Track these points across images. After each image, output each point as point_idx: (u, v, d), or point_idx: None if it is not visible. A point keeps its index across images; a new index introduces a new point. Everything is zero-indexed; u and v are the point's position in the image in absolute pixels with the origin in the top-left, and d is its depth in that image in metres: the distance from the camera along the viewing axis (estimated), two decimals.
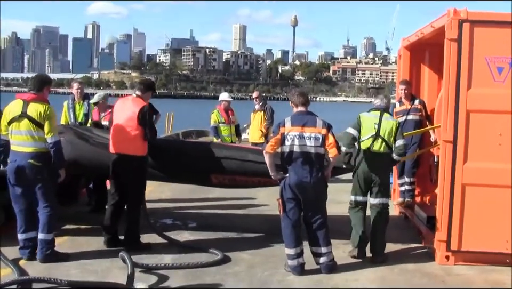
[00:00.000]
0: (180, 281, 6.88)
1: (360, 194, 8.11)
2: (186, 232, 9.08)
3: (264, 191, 11.91)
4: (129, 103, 8.26)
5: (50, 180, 7.57)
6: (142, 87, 8.40)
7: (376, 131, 8.00)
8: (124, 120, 8.09)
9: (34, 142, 7.39)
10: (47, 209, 7.50)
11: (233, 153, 8.69)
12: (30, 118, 7.37)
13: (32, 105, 7.42)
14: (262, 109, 14.44)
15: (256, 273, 7.32)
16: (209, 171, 8.70)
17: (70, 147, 8.45)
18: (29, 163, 7.35)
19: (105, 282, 6.61)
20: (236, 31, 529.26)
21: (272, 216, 10.26)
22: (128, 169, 8.06)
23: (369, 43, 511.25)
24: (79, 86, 11.18)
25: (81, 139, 8.78)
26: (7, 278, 6.69)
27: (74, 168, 8.59)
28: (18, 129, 7.42)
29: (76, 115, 10.87)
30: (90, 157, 8.67)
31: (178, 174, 8.94)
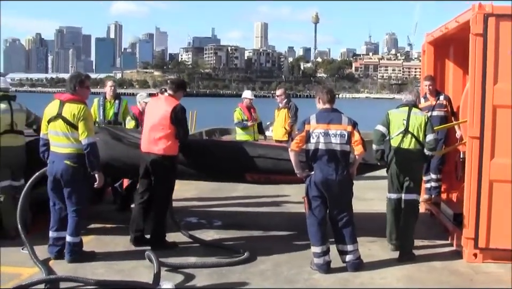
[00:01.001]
0: (205, 280, 6.88)
1: (393, 191, 8.07)
2: (212, 231, 9.08)
3: (289, 188, 11.89)
4: (162, 102, 8.26)
5: (84, 183, 7.59)
6: (173, 86, 8.40)
7: (405, 127, 7.94)
8: (156, 119, 8.08)
9: (70, 143, 7.41)
10: (76, 213, 7.52)
11: (268, 151, 8.65)
12: (64, 119, 7.40)
13: (67, 106, 7.44)
14: (286, 106, 14.38)
15: (282, 271, 7.29)
16: (244, 170, 8.70)
17: (105, 147, 8.48)
18: (65, 165, 7.38)
19: (132, 281, 6.63)
20: (258, 28, 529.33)
21: (297, 214, 10.24)
22: (158, 169, 8.06)
23: (391, 39, 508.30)
24: (112, 85, 11.32)
25: (115, 140, 8.83)
26: (35, 276, 6.74)
27: (108, 168, 8.66)
28: (55, 130, 7.46)
29: (106, 113, 10.94)
30: (124, 156, 8.69)
31: (214, 173, 8.92)
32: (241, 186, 12.90)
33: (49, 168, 7.53)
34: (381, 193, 11.91)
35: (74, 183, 7.44)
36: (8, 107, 8.66)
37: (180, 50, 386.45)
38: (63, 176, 7.41)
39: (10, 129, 8.60)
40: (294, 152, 7.38)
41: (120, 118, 11.00)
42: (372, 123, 8.02)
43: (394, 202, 8.12)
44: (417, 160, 8.03)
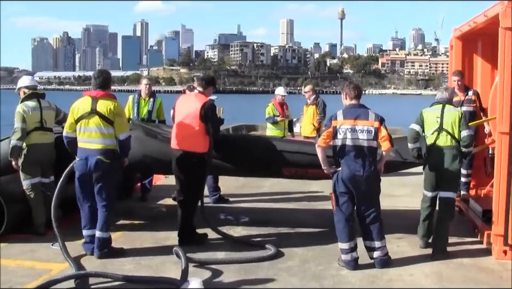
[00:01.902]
0: (233, 276, 6.89)
1: (429, 189, 7.98)
2: (239, 227, 9.09)
3: (315, 184, 11.88)
4: (192, 99, 8.29)
5: (115, 179, 7.68)
6: (203, 83, 8.41)
7: (439, 125, 7.86)
8: (186, 116, 8.10)
9: (103, 139, 7.49)
10: (106, 208, 7.58)
11: (304, 147, 8.64)
12: (100, 115, 7.47)
13: (101, 102, 7.52)
14: (314, 103, 14.35)
15: (309, 268, 7.28)
16: (281, 165, 8.72)
17: (139, 143, 8.55)
18: (98, 160, 7.44)
19: (160, 277, 6.66)
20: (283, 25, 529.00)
21: (325, 210, 10.21)
22: (189, 165, 8.08)
23: (418, 34, 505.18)
24: (148, 82, 11.37)
25: (149, 136, 8.87)
26: (64, 272, 6.82)
27: (141, 165, 8.73)
28: (87, 126, 7.51)
29: (140, 111, 11.01)
30: (157, 153, 8.71)
31: (252, 167, 8.98)
32: (267, 183, 12.94)
33: (80, 165, 7.57)
34: (408, 190, 11.89)
35: (105, 178, 7.51)
36: (37, 105, 8.77)
37: (205, 48, 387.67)
38: (96, 171, 7.47)
39: (40, 126, 8.70)
40: (321, 148, 7.36)
41: (154, 116, 11.05)
42: (399, 119, 7.98)
43: (430, 199, 8.03)
44: (454, 157, 7.84)
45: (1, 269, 7.07)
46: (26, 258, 7.54)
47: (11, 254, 7.69)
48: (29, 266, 7.24)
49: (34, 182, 8.60)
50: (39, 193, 8.62)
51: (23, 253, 7.77)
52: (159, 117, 11.12)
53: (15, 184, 8.58)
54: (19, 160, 8.57)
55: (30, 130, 8.61)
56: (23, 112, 8.59)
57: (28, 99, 8.78)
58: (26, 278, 6.76)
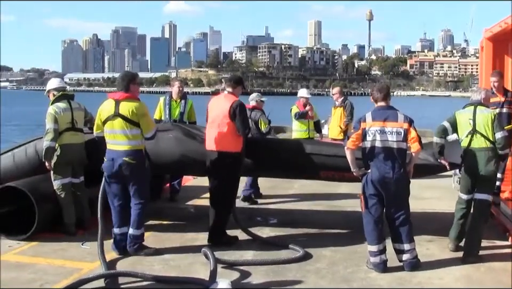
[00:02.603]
0: (261, 278, 6.88)
1: (465, 192, 7.87)
2: (267, 228, 9.08)
3: (344, 186, 11.86)
4: (222, 100, 8.32)
5: (144, 177, 7.74)
6: (231, 83, 8.45)
7: (472, 127, 7.76)
8: (217, 117, 8.13)
9: (128, 140, 7.56)
10: (139, 206, 7.67)
11: (343, 151, 8.61)
12: (123, 117, 7.54)
13: (124, 104, 7.58)
14: (342, 105, 14.31)
15: (338, 270, 7.24)
16: (318, 167, 8.71)
17: (177, 144, 8.59)
18: (124, 161, 7.53)
19: (189, 278, 6.68)
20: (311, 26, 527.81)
21: (353, 212, 10.19)
22: (223, 166, 8.09)
23: (447, 35, 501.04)
24: (180, 85, 11.43)
25: (187, 137, 8.89)
26: (94, 271, 6.88)
27: (178, 165, 8.80)
28: (112, 129, 7.60)
29: (172, 112, 11.05)
30: (195, 153, 8.70)
31: (290, 169, 8.99)
32: (296, 184, 12.92)
33: (108, 166, 7.66)
34: (438, 192, 11.80)
35: (134, 178, 7.60)
36: (68, 106, 8.87)
37: (233, 49, 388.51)
38: (123, 172, 7.57)
39: (71, 127, 8.80)
40: (350, 150, 7.34)
41: (186, 118, 11.09)
42: (428, 121, 7.85)
43: (465, 202, 7.92)
44: (489, 159, 7.66)
45: (33, 267, 7.18)
46: (57, 257, 7.62)
47: (42, 253, 7.78)
48: (59, 264, 7.31)
49: (64, 182, 8.70)
50: (69, 193, 8.72)
51: (54, 251, 7.85)
52: (190, 118, 11.15)
53: (46, 184, 8.68)
54: (52, 161, 8.66)
55: (61, 131, 8.72)
56: (55, 113, 8.69)
57: (58, 101, 8.89)
58: (57, 277, 6.83)
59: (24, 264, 7.30)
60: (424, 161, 8.03)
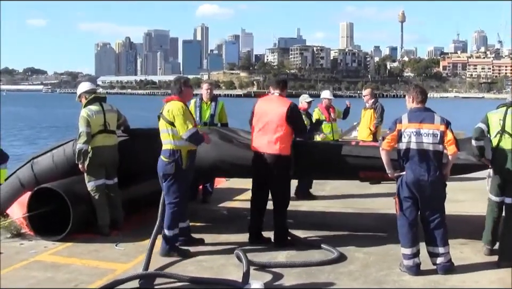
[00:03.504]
0: (294, 280, 6.87)
1: (495, 193, 7.76)
2: (299, 231, 9.03)
3: (375, 188, 11.83)
4: (275, 103, 8.29)
5: (177, 178, 7.76)
6: (280, 86, 8.49)
7: (501, 127, 7.67)
8: (272, 120, 8.11)
9: (168, 140, 7.74)
10: (171, 205, 7.75)
11: (377, 152, 8.59)
12: (163, 118, 7.76)
13: (167, 105, 7.81)
14: (372, 107, 14.24)
15: (370, 272, 7.20)
16: (358, 168, 8.70)
17: (213, 148, 8.62)
18: (161, 160, 7.73)
19: (223, 279, 6.70)
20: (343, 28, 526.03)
21: (386, 214, 10.13)
22: (281, 168, 8.12)
23: (480, 36, 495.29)
24: (209, 87, 11.46)
25: (224, 140, 8.90)
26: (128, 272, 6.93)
27: (215, 169, 8.88)
28: (160, 129, 7.87)
29: (202, 115, 11.11)
30: (232, 157, 8.71)
31: (330, 170, 9.03)
32: (328, 187, 12.90)
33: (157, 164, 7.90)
34: (472, 195, 11.66)
35: (168, 177, 7.71)
36: (100, 109, 8.96)
37: (265, 51, 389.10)
38: (159, 171, 7.75)
39: (104, 129, 8.89)
40: (385, 151, 7.28)
41: (216, 120, 11.13)
42: (461, 122, 7.73)
43: (495, 204, 7.81)
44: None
45: (68, 267, 7.28)
46: (91, 258, 7.70)
47: (77, 253, 7.88)
48: (93, 265, 7.39)
49: (98, 183, 8.79)
50: (103, 195, 8.80)
51: (88, 252, 7.94)
52: (221, 120, 11.19)
53: (81, 186, 8.78)
54: (85, 163, 8.76)
55: (94, 133, 8.80)
56: (87, 116, 8.79)
57: (90, 104, 8.98)
58: (91, 277, 6.91)
59: (60, 265, 7.39)
60: (464, 160, 7.95)
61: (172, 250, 7.76)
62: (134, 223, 9.19)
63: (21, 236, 8.67)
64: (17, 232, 8.72)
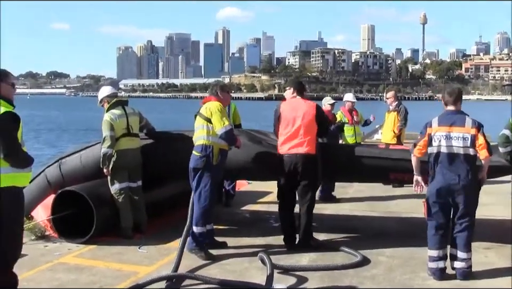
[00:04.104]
0: (317, 283, 6.83)
1: None
2: (323, 234, 9.00)
3: (399, 191, 11.75)
4: (301, 104, 8.33)
5: (208, 173, 7.84)
6: (301, 88, 8.61)
7: None
8: (301, 121, 8.14)
9: (201, 135, 7.89)
10: (201, 201, 7.83)
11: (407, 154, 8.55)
12: (201, 115, 7.94)
13: (205, 105, 8.02)
14: (395, 109, 14.15)
15: (394, 276, 7.14)
16: (388, 170, 8.69)
17: (243, 149, 8.60)
18: (193, 154, 7.87)
19: (247, 282, 6.70)
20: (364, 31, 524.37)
21: (409, 218, 10.09)
22: (307, 169, 8.11)
23: (503, 38, 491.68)
24: None
25: (252, 142, 8.87)
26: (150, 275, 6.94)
27: (244, 171, 8.90)
28: (195, 126, 8.05)
29: None
30: (261, 159, 8.66)
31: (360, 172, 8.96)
32: (351, 190, 12.86)
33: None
34: (497, 198, 11.53)
35: (197, 171, 7.83)
36: (123, 112, 9.00)
37: (286, 54, 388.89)
38: (190, 165, 7.87)
39: (127, 132, 8.93)
40: (416, 158, 7.20)
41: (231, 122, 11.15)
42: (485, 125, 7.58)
43: None
44: None
45: (91, 270, 7.32)
46: (114, 260, 7.74)
47: (100, 256, 7.92)
48: (116, 268, 7.42)
49: (122, 186, 8.82)
50: (126, 198, 8.84)
51: (111, 255, 7.98)
52: (235, 121, 11.20)
53: (104, 188, 8.82)
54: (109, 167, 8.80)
55: (117, 136, 8.84)
56: (111, 120, 8.83)
57: (113, 108, 9.02)
58: (114, 280, 6.94)
59: (83, 267, 7.44)
60: (497, 163, 7.86)
61: (198, 247, 7.77)
62: (157, 226, 9.21)
63: (45, 238, 8.75)
64: (41, 234, 8.81)
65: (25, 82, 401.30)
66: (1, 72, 5.95)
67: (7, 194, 5.72)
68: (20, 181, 5.86)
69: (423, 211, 7.20)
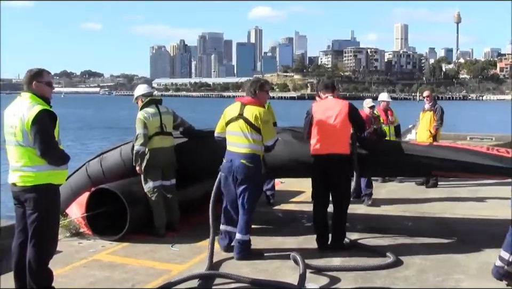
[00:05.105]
0: (349, 283, 6.80)
1: None
2: (355, 234, 8.97)
3: (433, 192, 11.65)
4: (334, 104, 8.29)
5: (257, 183, 7.82)
6: (331, 88, 8.55)
7: None
8: (334, 121, 8.10)
9: (248, 143, 7.64)
10: (246, 211, 7.72)
11: (450, 153, 8.43)
12: (246, 120, 7.66)
13: (249, 108, 7.72)
14: (431, 109, 14.02)
15: (427, 278, 7.06)
16: (431, 168, 8.72)
17: (285, 147, 8.63)
18: (242, 164, 7.61)
19: (280, 282, 6.70)
20: (397, 30, 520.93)
21: (443, 218, 10.00)
22: (342, 169, 8.11)
23: None
24: None
25: (296, 139, 8.83)
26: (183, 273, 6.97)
27: (286, 168, 8.85)
28: (234, 130, 7.73)
29: None
30: (303, 156, 8.53)
31: (404, 168, 9.05)
32: (383, 190, 12.78)
33: (225, 166, 7.79)
34: None
35: (247, 182, 7.64)
36: (156, 111, 9.05)
37: (319, 54, 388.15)
38: (239, 174, 7.63)
39: (160, 131, 8.98)
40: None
41: None
42: None
43: None
44: None
45: (124, 267, 7.39)
46: (147, 258, 7.79)
47: (133, 253, 7.99)
48: (149, 266, 7.47)
49: (155, 184, 8.87)
50: (160, 196, 8.89)
51: (145, 253, 8.04)
52: None
53: (138, 187, 8.90)
54: (142, 165, 8.87)
55: (151, 135, 8.90)
56: (144, 119, 8.89)
57: (147, 106, 9.08)
58: (147, 277, 6.99)
59: (117, 264, 7.51)
60: None
61: (247, 254, 7.75)
62: (190, 224, 9.26)
63: (79, 235, 8.86)
64: (76, 231, 8.92)
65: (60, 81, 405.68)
66: (35, 71, 6.04)
67: (44, 191, 5.81)
68: (56, 178, 5.94)
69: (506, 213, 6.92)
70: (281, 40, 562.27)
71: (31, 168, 5.79)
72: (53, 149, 5.81)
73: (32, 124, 5.71)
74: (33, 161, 5.78)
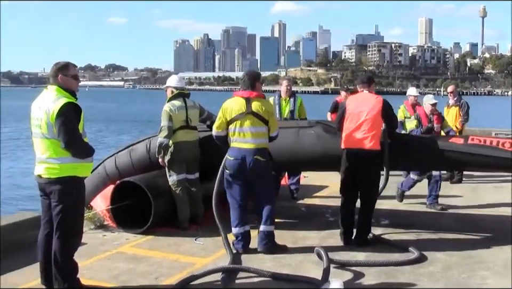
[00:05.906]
0: (373, 279, 6.77)
1: None
2: (379, 229, 8.90)
3: (457, 188, 11.55)
4: (368, 99, 8.24)
5: (271, 174, 7.87)
6: (368, 83, 8.47)
7: None
8: (367, 116, 8.03)
9: (258, 138, 7.62)
10: (270, 202, 7.74)
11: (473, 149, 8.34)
12: (256, 114, 7.61)
13: (255, 102, 7.66)
14: (456, 104, 13.89)
15: (452, 275, 7.00)
16: (462, 164, 8.78)
17: (318, 141, 8.63)
18: (255, 159, 7.54)
19: (303, 276, 6.67)
20: (422, 24, 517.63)
21: (467, 214, 9.93)
22: (373, 165, 8.08)
23: None
24: (288, 83, 11.49)
25: (328, 133, 8.78)
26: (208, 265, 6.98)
27: (318, 162, 8.82)
28: (242, 127, 7.63)
29: (282, 111, 11.16)
30: (335, 151, 8.44)
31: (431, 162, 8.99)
32: None
33: (236, 164, 7.64)
34: None
35: (265, 175, 7.67)
36: (183, 105, 9.05)
37: (343, 48, 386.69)
38: (255, 170, 7.56)
39: (185, 125, 8.99)
40: None
41: (296, 115, 11.13)
42: None
43: None
44: None
45: (148, 260, 7.42)
46: (171, 251, 7.82)
47: (157, 246, 8.02)
48: (173, 259, 7.50)
49: (180, 178, 8.90)
50: (184, 189, 8.91)
51: (168, 246, 8.07)
52: (300, 115, 11.16)
53: (162, 180, 8.93)
54: (165, 158, 8.89)
55: (176, 128, 8.91)
56: (170, 111, 8.90)
57: (174, 99, 9.09)
58: (171, 270, 7.01)
59: (141, 257, 7.54)
60: None
61: (273, 246, 7.75)
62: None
63: (103, 228, 8.92)
64: (100, 223, 8.98)
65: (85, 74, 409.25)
66: (60, 65, 6.06)
67: (68, 184, 5.85)
68: (81, 171, 5.97)
69: None
70: (305, 35, 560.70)
71: (56, 160, 5.83)
72: (76, 142, 5.84)
73: (57, 117, 5.74)
74: (58, 153, 5.82)
